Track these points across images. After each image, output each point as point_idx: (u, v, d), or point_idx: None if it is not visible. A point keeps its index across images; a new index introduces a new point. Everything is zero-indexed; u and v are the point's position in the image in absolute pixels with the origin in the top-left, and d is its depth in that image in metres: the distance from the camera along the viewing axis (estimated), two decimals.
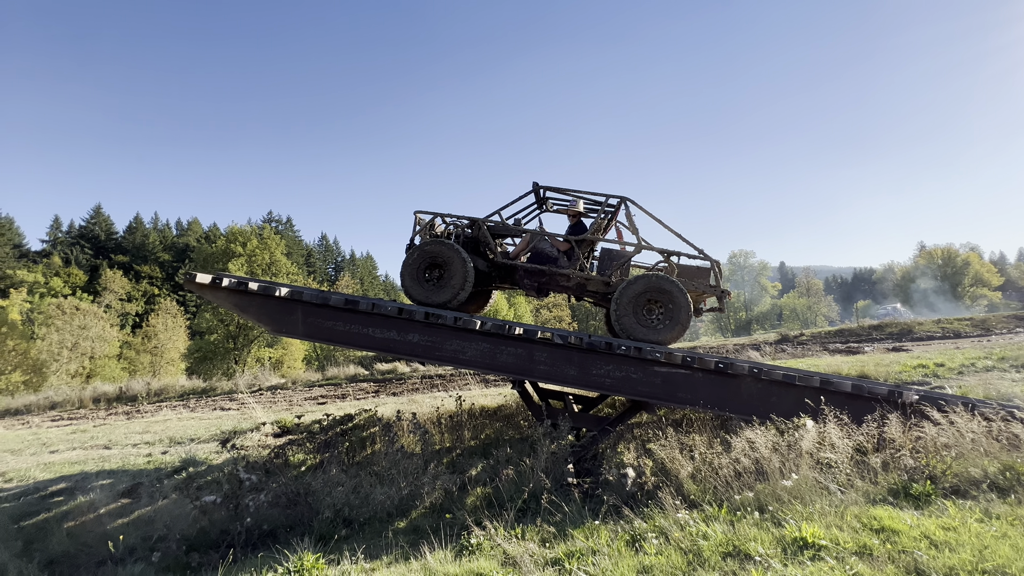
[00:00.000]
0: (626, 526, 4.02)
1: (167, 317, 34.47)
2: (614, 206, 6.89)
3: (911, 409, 5.36)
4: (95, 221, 60.03)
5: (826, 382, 5.64)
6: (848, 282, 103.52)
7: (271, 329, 6.45)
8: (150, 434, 10.10)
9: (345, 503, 5.02)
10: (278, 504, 5.17)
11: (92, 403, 17.16)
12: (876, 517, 3.71)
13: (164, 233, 63.78)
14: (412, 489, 5.40)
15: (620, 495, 4.61)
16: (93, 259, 54.93)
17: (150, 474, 7.04)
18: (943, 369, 9.14)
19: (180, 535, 4.85)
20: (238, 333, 29.14)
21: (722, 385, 5.77)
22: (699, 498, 4.36)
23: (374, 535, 4.66)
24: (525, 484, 4.99)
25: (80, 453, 8.91)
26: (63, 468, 7.75)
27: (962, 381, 8.20)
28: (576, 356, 5.96)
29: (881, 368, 9.25)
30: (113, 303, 44.79)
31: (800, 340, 18.58)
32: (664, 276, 6.23)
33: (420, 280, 6.46)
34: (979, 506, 3.83)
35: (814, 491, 4.16)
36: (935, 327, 18.07)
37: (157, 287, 54.34)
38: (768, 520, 3.81)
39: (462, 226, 6.86)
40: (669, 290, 6.13)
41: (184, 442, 9.01)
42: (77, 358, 29.18)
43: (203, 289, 6.32)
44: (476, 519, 4.35)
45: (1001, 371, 8.66)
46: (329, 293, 6.31)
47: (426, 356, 6.11)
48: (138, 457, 8.15)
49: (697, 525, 3.82)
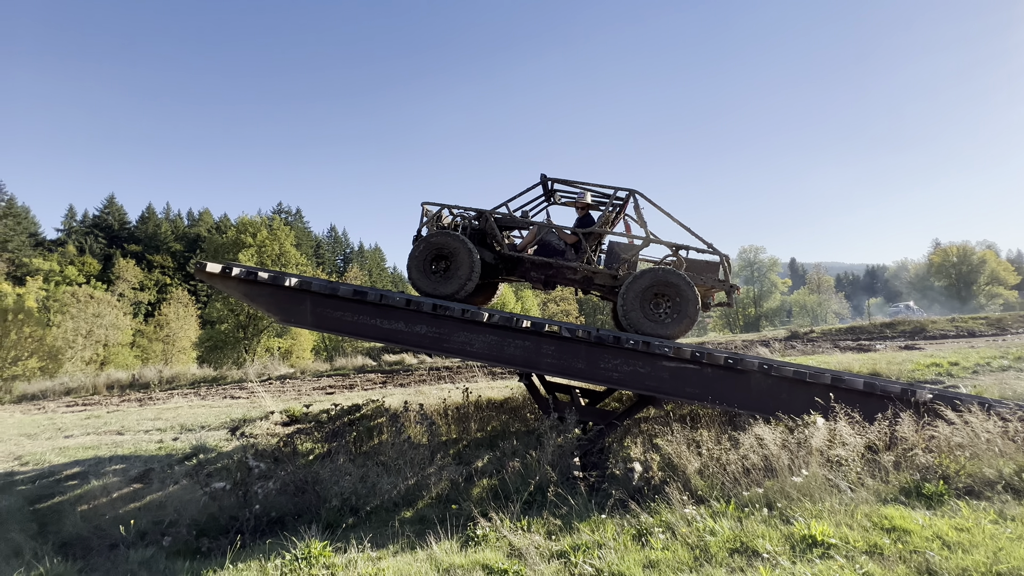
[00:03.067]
0: (632, 520, 4.01)
1: (179, 306, 34.93)
2: (622, 199, 6.82)
3: (924, 408, 5.28)
4: (108, 211, 60.79)
5: (837, 379, 5.57)
6: (860, 279, 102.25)
7: (280, 319, 6.48)
8: (161, 421, 10.25)
9: (352, 492, 5.05)
10: (286, 492, 5.22)
11: (106, 390, 17.44)
12: (887, 516, 3.66)
13: (176, 223, 64.43)
14: (419, 479, 5.42)
15: (627, 489, 4.60)
16: (107, 248, 55.68)
17: (161, 460, 7.14)
18: (957, 368, 9.00)
19: (190, 520, 4.92)
20: (248, 323, 29.43)
21: (731, 381, 5.71)
22: (706, 494, 4.33)
23: (380, 524, 4.69)
24: (531, 477, 4.99)
25: (94, 438, 9.06)
26: (77, 453, 7.89)
27: (977, 380, 8.07)
28: (584, 350, 5.94)
29: (893, 366, 9.12)
30: (126, 292, 45.41)
31: (810, 337, 18.37)
32: (671, 269, 6.16)
33: (427, 272, 6.45)
34: (993, 507, 3.77)
35: (824, 489, 4.11)
36: (949, 325, 17.78)
37: (169, 276, 55.01)
38: (776, 517, 3.78)
39: (469, 218, 6.82)
40: (676, 283, 6.06)
41: (195, 429, 9.13)
42: (91, 345, 29.66)
43: (214, 278, 6.36)
44: (482, 510, 4.36)
45: (1018, 371, 8.50)
46: (338, 284, 6.32)
47: (433, 348, 6.11)
48: (150, 443, 8.27)
49: (704, 521, 3.79)
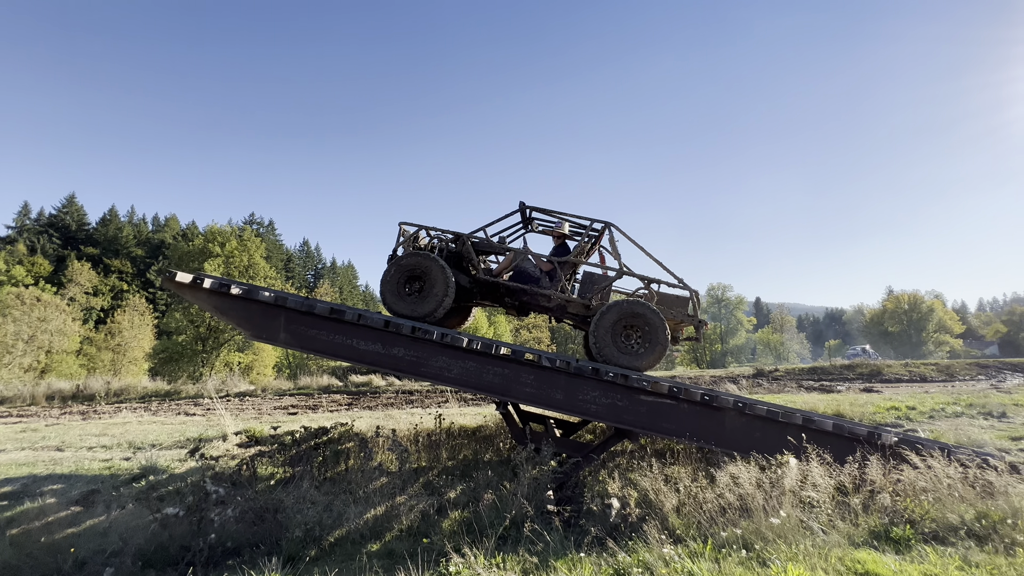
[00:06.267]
0: (610, 559, 3.92)
1: (134, 314, 33.27)
2: (598, 230, 6.94)
3: (890, 451, 5.44)
4: (67, 210, 58.03)
5: (808, 420, 5.69)
6: (820, 320, 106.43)
7: (251, 335, 6.22)
8: (108, 437, 9.58)
9: (317, 522, 4.78)
10: (244, 520, 4.90)
11: (45, 400, 16.29)
12: (860, 560, 3.70)
13: (139, 228, 61.98)
14: (388, 509, 5.19)
15: (604, 526, 4.52)
16: (61, 249, 52.92)
17: (106, 481, 6.64)
18: (915, 412, 9.36)
19: (136, 549, 4.53)
20: (208, 335, 28.26)
21: (707, 418, 5.76)
22: (684, 533, 4.30)
23: (346, 557, 4.44)
24: (507, 510, 4.85)
25: (29, 454, 8.37)
26: (9, 470, 7.26)
27: (934, 425, 8.40)
28: (563, 380, 5.90)
29: (856, 408, 9.42)
30: (78, 296, 43.03)
31: (775, 376, 18.88)
32: (635, 300, 6.26)
33: (402, 295, 6.36)
34: (958, 553, 3.86)
35: (798, 531, 4.14)
36: (903, 370, 18.60)
37: (127, 282, 52.52)
38: (754, 559, 3.77)
39: (446, 240, 6.81)
40: (642, 313, 6.14)
41: (144, 448, 8.56)
42: (33, 351, 27.82)
43: (182, 288, 6.08)
44: (455, 545, 4.19)
45: (970, 417, 8.91)
46: (315, 301, 6.14)
47: (411, 371, 5.96)
48: (93, 461, 7.69)
49: (683, 561, 3.74)
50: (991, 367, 19.28)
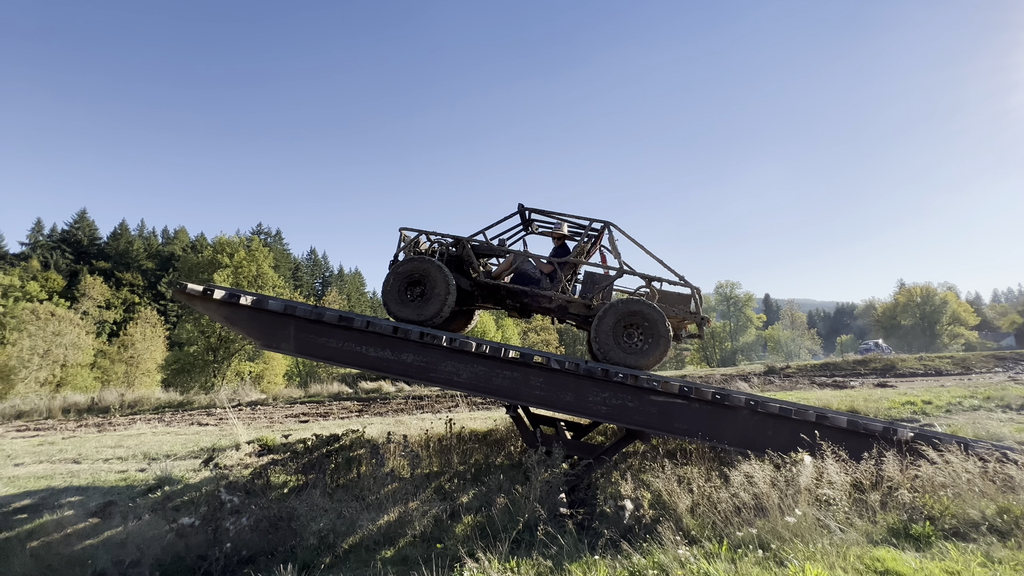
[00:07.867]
0: (625, 561, 3.90)
1: (146, 326, 33.66)
2: (598, 230, 6.94)
3: (906, 447, 5.36)
4: (79, 225, 58.96)
5: (822, 417, 5.63)
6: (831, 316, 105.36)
7: (261, 344, 6.27)
8: (123, 449, 9.68)
9: (331, 529, 4.80)
10: (259, 528, 4.93)
11: (61, 413, 16.49)
12: (879, 559, 3.65)
13: (149, 241, 62.82)
14: (401, 515, 5.20)
15: (618, 528, 4.49)
16: (73, 264, 53.74)
17: (122, 492, 6.71)
18: (931, 407, 9.22)
19: (154, 560, 4.58)
20: (219, 345, 28.49)
21: (719, 417, 5.72)
22: (699, 533, 4.26)
23: (360, 564, 4.45)
24: (520, 514, 4.84)
25: (47, 467, 8.48)
26: (28, 483, 7.36)
27: (951, 420, 8.27)
28: (572, 382, 5.89)
29: (871, 404, 9.30)
30: (91, 310, 43.62)
31: (787, 373, 18.70)
32: (632, 299, 6.24)
33: (404, 301, 6.39)
34: (980, 549, 3.80)
35: (815, 529, 4.09)
36: (917, 364, 18.35)
37: (138, 295, 53.20)
38: (771, 559, 3.73)
39: (446, 244, 6.85)
40: (639, 310, 6.12)
41: (159, 458, 8.64)
42: (48, 365, 28.21)
43: (193, 300, 6.16)
44: (469, 550, 4.19)
45: (988, 410, 8.76)
46: (323, 309, 6.18)
47: (420, 377, 5.98)
48: (109, 473, 7.78)
49: (698, 562, 3.71)
50: (1008, 359, 18.97)
